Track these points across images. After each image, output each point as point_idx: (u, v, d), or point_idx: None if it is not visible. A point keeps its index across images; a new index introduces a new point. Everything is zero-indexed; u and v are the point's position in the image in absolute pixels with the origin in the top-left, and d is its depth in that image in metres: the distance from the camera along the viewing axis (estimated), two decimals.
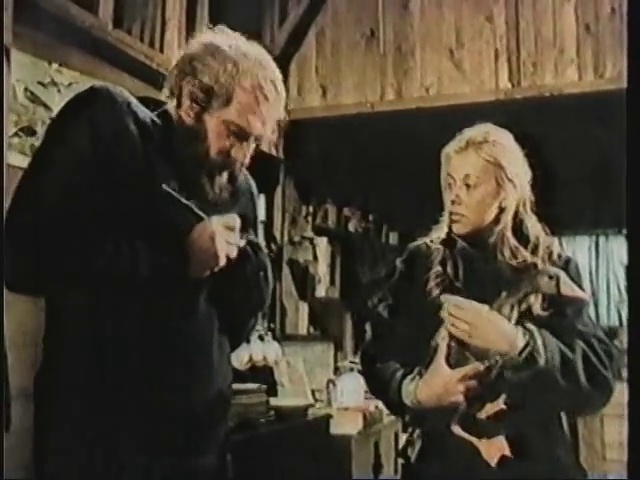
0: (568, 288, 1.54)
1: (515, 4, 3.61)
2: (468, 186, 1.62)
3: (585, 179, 4.68)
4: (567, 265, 1.64)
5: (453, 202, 1.64)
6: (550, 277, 1.55)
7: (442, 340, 1.57)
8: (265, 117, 1.38)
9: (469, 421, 1.53)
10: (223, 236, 1.33)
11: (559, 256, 1.65)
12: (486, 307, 1.54)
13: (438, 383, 1.54)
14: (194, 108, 1.38)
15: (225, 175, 1.42)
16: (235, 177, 1.45)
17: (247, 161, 1.44)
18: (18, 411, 1.96)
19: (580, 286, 1.62)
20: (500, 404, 1.52)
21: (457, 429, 1.54)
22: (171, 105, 1.42)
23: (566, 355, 1.51)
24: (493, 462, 1.51)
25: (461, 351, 1.55)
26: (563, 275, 1.55)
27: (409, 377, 1.61)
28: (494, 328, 1.52)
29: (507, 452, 1.51)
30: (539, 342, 1.50)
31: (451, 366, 1.54)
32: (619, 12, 3.38)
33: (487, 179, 1.62)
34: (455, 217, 1.64)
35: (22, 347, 2.07)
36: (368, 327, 1.79)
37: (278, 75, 1.41)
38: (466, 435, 1.53)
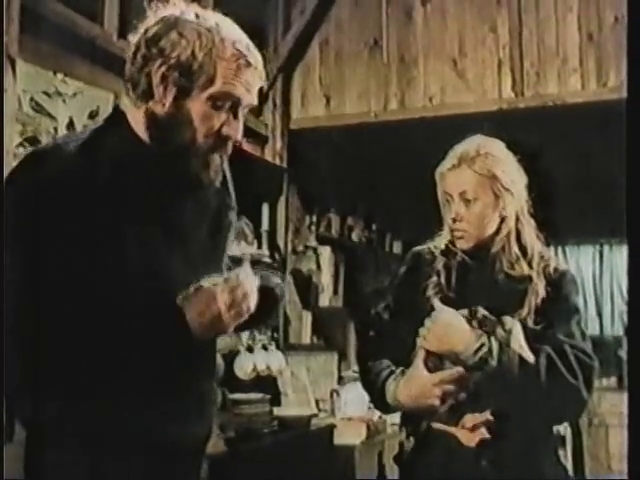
0: (517, 344, 1.54)
1: (518, 13, 3.61)
2: (467, 202, 1.64)
3: (588, 188, 4.67)
4: (561, 279, 1.66)
5: (454, 220, 1.66)
6: (504, 329, 1.56)
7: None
8: (250, 84, 1.26)
9: (449, 419, 1.58)
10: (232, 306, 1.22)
11: (555, 269, 1.67)
12: (449, 310, 1.58)
13: (415, 386, 1.58)
14: (170, 94, 1.22)
15: (217, 156, 1.28)
16: (226, 156, 1.32)
17: (240, 136, 1.29)
18: None
19: (569, 301, 1.64)
20: (487, 415, 1.56)
21: (437, 425, 1.59)
22: (126, 104, 1.28)
23: (525, 359, 1.54)
24: (473, 444, 1.55)
25: (437, 356, 1.59)
26: (517, 330, 1.56)
27: (392, 377, 1.64)
28: (450, 330, 1.56)
29: (485, 434, 1.55)
30: (494, 345, 1.53)
31: (430, 369, 1.58)
32: (622, 21, 3.38)
33: (484, 192, 1.64)
34: (458, 233, 1.67)
35: None
36: (372, 333, 1.81)
37: (248, 39, 1.29)
38: (445, 427, 1.58)
